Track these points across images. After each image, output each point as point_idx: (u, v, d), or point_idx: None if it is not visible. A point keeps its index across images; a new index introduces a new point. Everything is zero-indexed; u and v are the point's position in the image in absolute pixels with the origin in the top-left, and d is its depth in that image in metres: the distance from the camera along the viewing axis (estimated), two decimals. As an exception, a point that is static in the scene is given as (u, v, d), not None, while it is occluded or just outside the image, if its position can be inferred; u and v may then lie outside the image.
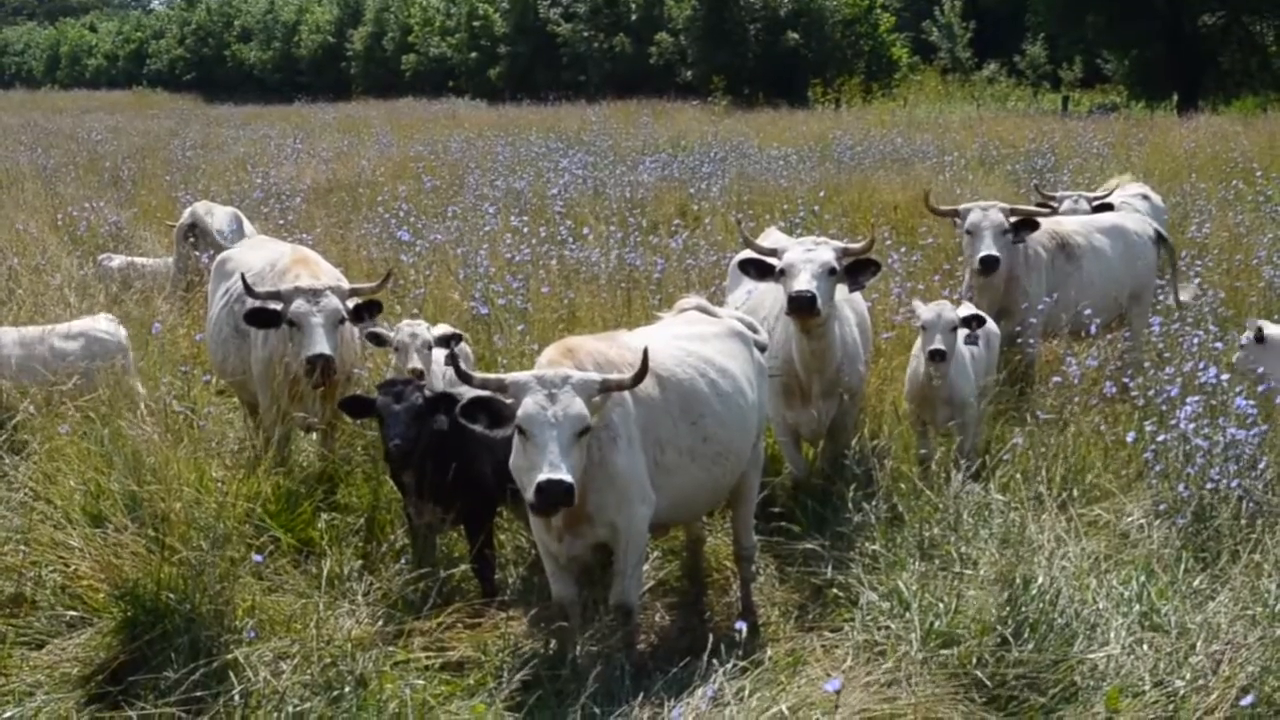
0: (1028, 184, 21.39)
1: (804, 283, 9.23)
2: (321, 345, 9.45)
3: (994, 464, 9.13)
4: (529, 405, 6.89)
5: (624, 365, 7.43)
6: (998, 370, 10.94)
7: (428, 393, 8.26)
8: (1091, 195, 15.04)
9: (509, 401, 7.03)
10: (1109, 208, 14.53)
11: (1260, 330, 10.80)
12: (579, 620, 7.56)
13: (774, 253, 9.65)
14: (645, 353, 7.11)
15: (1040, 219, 12.36)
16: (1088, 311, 11.76)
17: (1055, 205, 14.85)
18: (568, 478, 6.70)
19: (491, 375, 7.47)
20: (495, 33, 70.35)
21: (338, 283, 10.06)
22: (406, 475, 8.47)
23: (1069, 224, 13.02)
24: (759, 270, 9.76)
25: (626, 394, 7.35)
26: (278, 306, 9.66)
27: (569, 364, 7.26)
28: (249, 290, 9.75)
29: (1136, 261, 12.91)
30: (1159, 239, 13.28)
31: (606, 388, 7.08)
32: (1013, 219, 11.99)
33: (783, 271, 9.46)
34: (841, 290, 9.59)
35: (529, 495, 6.84)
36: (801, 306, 9.21)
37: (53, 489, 8.65)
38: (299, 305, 9.58)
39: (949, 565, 7.96)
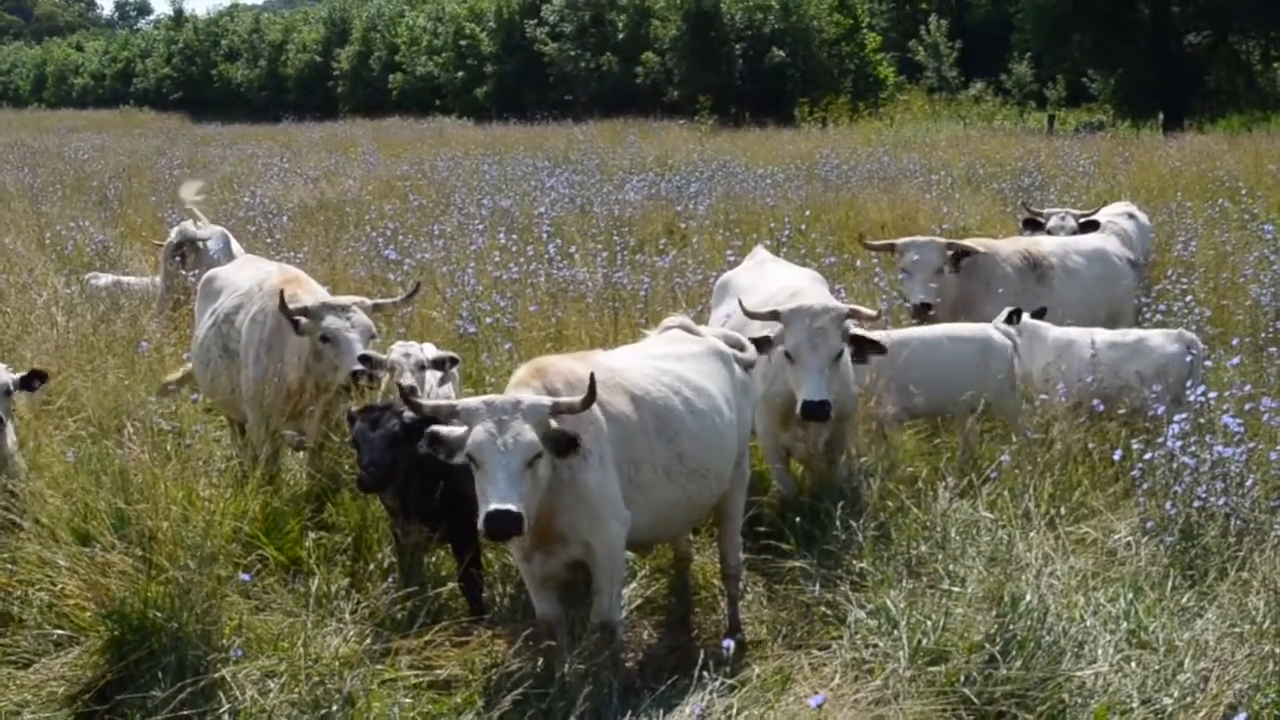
0: (1014, 202, 21.44)
1: (814, 390, 9.08)
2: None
3: (981, 481, 9.12)
4: (478, 433, 6.85)
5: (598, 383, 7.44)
6: None
7: (407, 418, 8.22)
8: (1079, 213, 15.06)
9: (462, 429, 7.02)
10: (1095, 225, 14.56)
11: (1015, 314, 10.90)
12: (565, 638, 7.54)
13: (774, 315, 9.41)
14: (592, 378, 7.03)
15: (979, 248, 12.35)
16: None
17: (1042, 221, 14.88)
18: (515, 507, 6.67)
19: (443, 402, 7.47)
20: (482, 52, 70.42)
21: (360, 299, 10.08)
22: (389, 497, 8.47)
23: (1046, 244, 12.99)
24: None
25: (599, 412, 7.33)
26: (305, 321, 9.65)
27: (538, 384, 7.25)
28: (284, 307, 9.73)
29: (1115, 285, 12.90)
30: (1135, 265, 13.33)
31: (558, 411, 7.04)
32: (949, 252, 12.07)
33: (788, 355, 9.30)
34: None
35: (479, 524, 6.84)
36: (814, 415, 9.15)
37: (40, 507, 8.63)
38: (332, 320, 9.60)
39: (937, 583, 7.97)
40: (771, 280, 10.59)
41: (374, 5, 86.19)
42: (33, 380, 9.31)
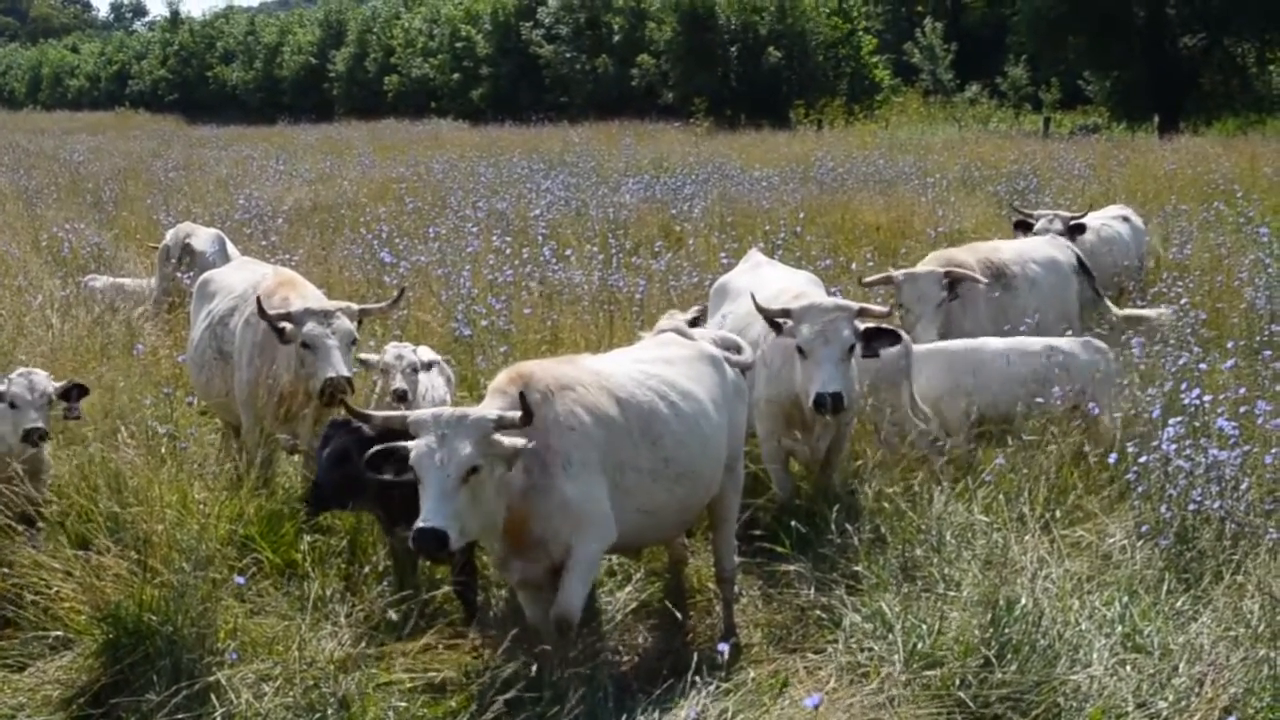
0: (1010, 205, 21.44)
1: (828, 382, 9.08)
2: (339, 367, 9.43)
3: (976, 485, 9.12)
4: (419, 446, 6.86)
5: (580, 386, 7.48)
6: None
7: (368, 432, 8.10)
8: (1068, 215, 15.04)
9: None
10: (1083, 229, 14.59)
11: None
12: (558, 642, 7.53)
13: (785, 313, 9.42)
14: (523, 397, 7.02)
15: (971, 264, 12.18)
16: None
17: (1032, 223, 14.86)
18: (441, 525, 6.66)
19: (395, 414, 7.45)
20: (478, 54, 70.33)
21: (345, 304, 10.05)
22: (375, 508, 8.42)
23: (1004, 252, 12.91)
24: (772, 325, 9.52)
25: (586, 416, 7.38)
26: (287, 327, 9.62)
27: (516, 389, 7.23)
28: (262, 312, 9.71)
29: (1065, 292, 12.86)
30: (1081, 268, 13.26)
31: (502, 425, 7.01)
32: (946, 280, 11.80)
33: (800, 350, 9.31)
34: None
35: (409, 540, 6.83)
36: (827, 407, 9.14)
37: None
38: (312, 327, 9.54)
39: (932, 587, 7.97)
40: (770, 283, 10.58)
41: (369, 7, 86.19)
42: (71, 392, 9.27)
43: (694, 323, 10.18)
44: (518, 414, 7.00)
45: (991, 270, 12.36)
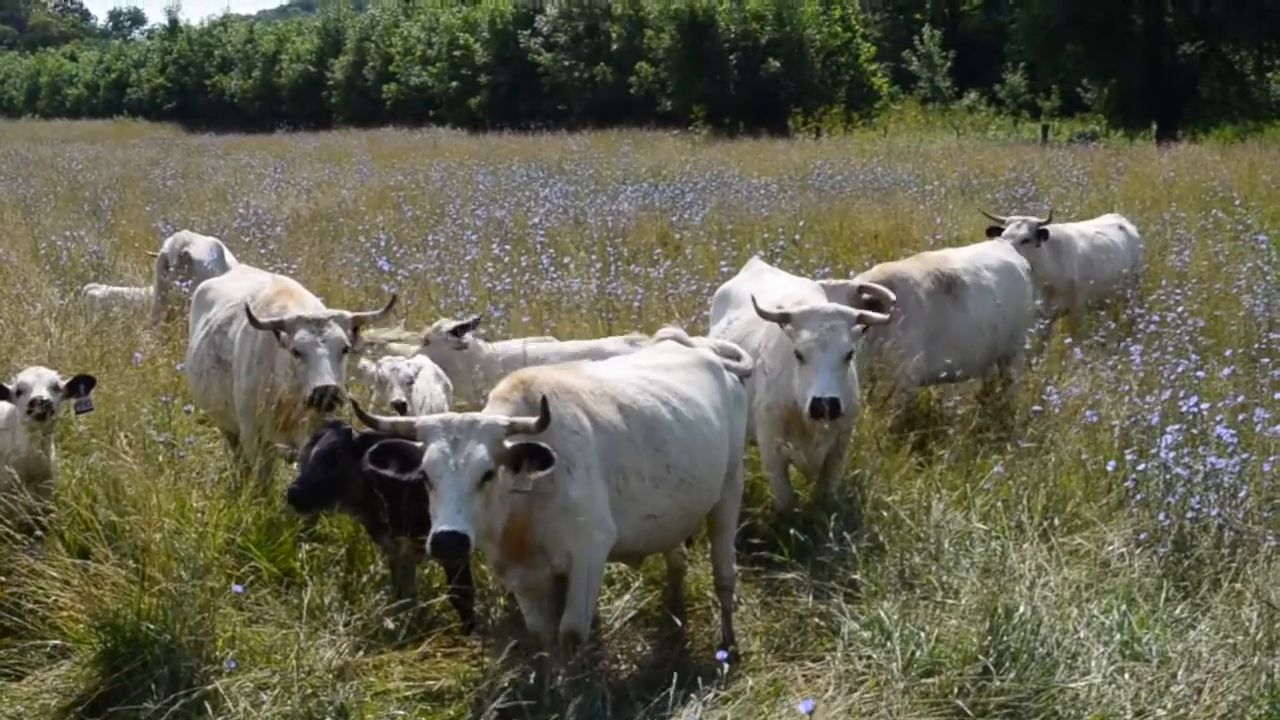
0: (1008, 213, 21.42)
1: (824, 387, 9.07)
2: (327, 377, 9.38)
3: (975, 493, 9.12)
4: (432, 452, 6.81)
5: (583, 392, 7.47)
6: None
7: (355, 435, 8.12)
8: (1035, 220, 14.90)
9: (419, 445, 6.95)
10: (1047, 234, 14.52)
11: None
12: (556, 649, 7.52)
13: (785, 318, 9.40)
14: (544, 401, 6.99)
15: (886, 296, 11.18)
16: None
17: (1003, 228, 14.73)
18: (462, 529, 6.63)
19: (402, 419, 7.44)
20: (476, 62, 70.34)
21: (339, 312, 10.01)
22: (362, 515, 8.41)
23: (955, 261, 12.63)
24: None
25: (587, 422, 7.37)
26: (282, 335, 9.60)
27: (519, 396, 7.24)
28: (253, 320, 9.69)
29: (1022, 299, 12.72)
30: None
31: (514, 430, 6.98)
32: (865, 296, 11.01)
33: (798, 354, 9.28)
34: None
35: (427, 544, 6.81)
36: (823, 412, 9.12)
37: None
38: (303, 335, 9.48)
39: (930, 594, 7.98)
40: (773, 290, 10.53)
41: (368, 15, 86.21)
42: (79, 385, 9.22)
43: (463, 330, 10.40)
44: (532, 420, 6.99)
45: (941, 282, 12.18)
